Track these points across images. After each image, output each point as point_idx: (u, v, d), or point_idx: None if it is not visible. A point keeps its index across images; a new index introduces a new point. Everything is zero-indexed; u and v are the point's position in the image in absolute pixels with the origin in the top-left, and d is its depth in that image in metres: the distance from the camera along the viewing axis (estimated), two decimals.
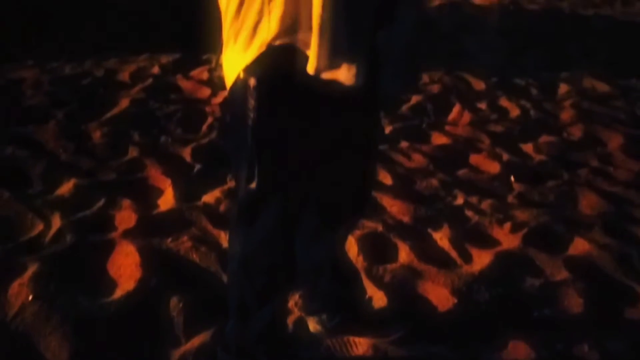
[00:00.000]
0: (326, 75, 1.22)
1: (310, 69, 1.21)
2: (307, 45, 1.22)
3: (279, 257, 1.45)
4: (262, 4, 1.22)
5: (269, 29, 1.22)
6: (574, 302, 1.92)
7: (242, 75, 1.29)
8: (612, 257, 2.15)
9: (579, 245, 2.22)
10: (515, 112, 3.58)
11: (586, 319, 1.87)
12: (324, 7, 1.17)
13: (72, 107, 3.19)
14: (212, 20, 1.85)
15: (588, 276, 2.04)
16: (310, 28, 1.20)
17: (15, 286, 1.79)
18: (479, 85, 4.01)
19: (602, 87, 4.11)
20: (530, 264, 2.11)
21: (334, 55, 1.20)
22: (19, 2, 4.46)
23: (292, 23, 1.22)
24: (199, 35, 3.86)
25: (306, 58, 1.22)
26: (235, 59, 1.29)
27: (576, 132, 3.32)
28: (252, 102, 1.29)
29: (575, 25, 5.87)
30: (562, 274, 2.05)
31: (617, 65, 4.62)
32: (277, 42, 1.23)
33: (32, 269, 1.85)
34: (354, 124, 1.46)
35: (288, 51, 1.24)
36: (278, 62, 1.25)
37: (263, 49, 1.24)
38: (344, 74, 1.21)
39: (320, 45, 1.19)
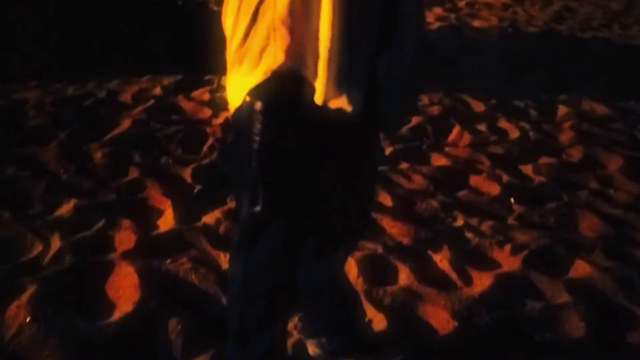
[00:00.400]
0: (333, 104, 1.23)
1: (319, 99, 1.22)
2: (312, 73, 1.23)
3: (280, 280, 1.45)
4: (268, 31, 1.23)
5: (275, 57, 1.23)
6: (575, 326, 1.91)
7: (247, 99, 1.30)
8: (613, 280, 2.14)
9: (580, 268, 2.22)
10: (514, 133, 3.59)
11: (587, 343, 1.86)
12: (332, 39, 1.18)
13: (74, 128, 3.20)
14: (213, 42, 1.87)
15: (589, 299, 2.03)
16: (315, 57, 1.21)
17: (13, 308, 1.78)
18: (479, 107, 4.02)
19: (601, 109, 4.12)
20: (530, 286, 2.11)
21: (339, 84, 1.21)
22: (24, 23, 4.52)
23: (298, 52, 1.23)
24: (201, 57, 3.90)
25: (311, 86, 1.23)
26: (241, 82, 1.30)
27: (576, 154, 3.33)
28: (258, 126, 1.30)
29: (574, 48, 5.92)
30: (563, 297, 2.04)
31: (616, 87, 4.65)
32: (282, 69, 1.24)
33: (30, 290, 1.85)
34: (355, 146, 1.47)
35: (293, 78, 1.25)
36: (283, 88, 1.26)
37: (268, 75, 1.25)
38: (347, 101, 1.23)
39: (328, 76, 1.20)
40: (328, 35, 1.18)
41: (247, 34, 1.26)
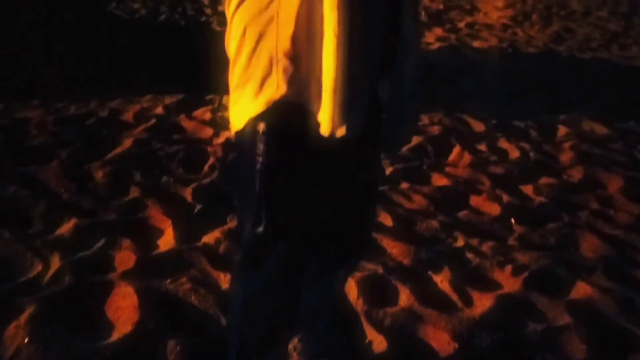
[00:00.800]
0: (338, 134, 1.23)
1: (325, 131, 1.23)
2: (315, 104, 1.23)
3: (282, 302, 1.45)
4: (271, 60, 1.24)
5: (278, 87, 1.24)
6: (577, 348, 1.90)
7: (250, 121, 1.31)
8: (614, 301, 2.13)
9: (581, 289, 2.21)
10: (514, 153, 3.60)
11: None
12: (336, 72, 1.19)
13: (76, 147, 3.21)
14: (215, 61, 1.89)
15: (590, 321, 2.02)
16: (318, 89, 1.21)
17: (11, 328, 1.78)
18: (479, 127, 4.04)
19: (601, 129, 4.14)
20: (531, 308, 2.10)
21: (343, 115, 1.22)
22: (27, 43, 4.57)
23: (300, 84, 1.23)
24: (203, 76, 3.93)
25: (313, 116, 1.24)
26: (242, 108, 1.30)
27: (576, 174, 3.33)
28: (261, 147, 1.30)
29: (573, 68, 5.96)
30: (564, 319, 2.03)
31: (615, 108, 4.67)
32: (284, 100, 1.25)
33: (29, 310, 1.84)
34: (356, 167, 1.48)
35: (295, 107, 1.25)
36: (285, 115, 1.27)
37: (269, 105, 1.25)
38: (348, 129, 1.23)
39: (333, 109, 1.21)
40: (332, 69, 1.19)
41: (249, 61, 1.27)
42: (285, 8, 1.20)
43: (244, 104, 1.29)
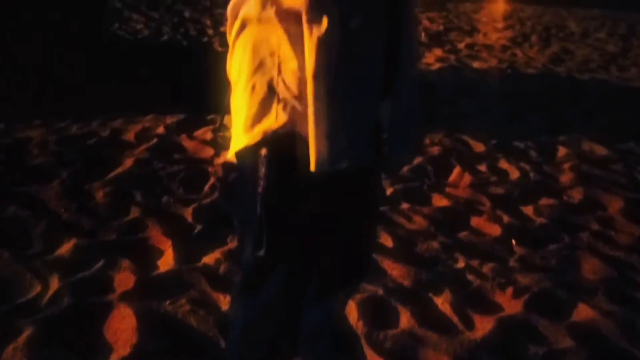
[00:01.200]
0: (331, 169, 1.24)
1: (312, 167, 1.23)
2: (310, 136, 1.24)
3: (282, 324, 1.44)
4: (270, 91, 1.24)
5: (277, 118, 1.24)
6: None
7: (249, 146, 1.31)
8: (616, 324, 2.12)
9: (582, 312, 2.20)
10: (515, 174, 3.61)
11: None
12: (316, 113, 1.19)
13: (77, 167, 3.22)
14: (217, 81, 1.90)
15: (592, 344, 2.01)
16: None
17: (9, 350, 1.77)
18: (479, 147, 4.05)
19: (601, 150, 4.15)
20: (533, 330, 2.08)
21: (334, 154, 1.22)
22: (29, 64, 4.61)
23: (299, 116, 1.23)
24: (204, 96, 3.96)
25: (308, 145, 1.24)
26: (242, 135, 1.31)
27: (576, 195, 3.34)
28: (263, 170, 1.31)
29: (572, 89, 6.00)
30: (566, 342, 2.02)
31: (615, 129, 4.69)
32: (282, 131, 1.25)
33: (27, 332, 1.83)
34: (356, 188, 1.47)
35: (293, 137, 1.25)
36: (286, 140, 1.27)
37: (267, 135, 1.26)
38: (345, 163, 1.23)
39: (318, 148, 1.21)
40: (313, 110, 1.19)
41: (250, 88, 1.28)
42: (285, 45, 1.22)
43: (242, 131, 1.30)
